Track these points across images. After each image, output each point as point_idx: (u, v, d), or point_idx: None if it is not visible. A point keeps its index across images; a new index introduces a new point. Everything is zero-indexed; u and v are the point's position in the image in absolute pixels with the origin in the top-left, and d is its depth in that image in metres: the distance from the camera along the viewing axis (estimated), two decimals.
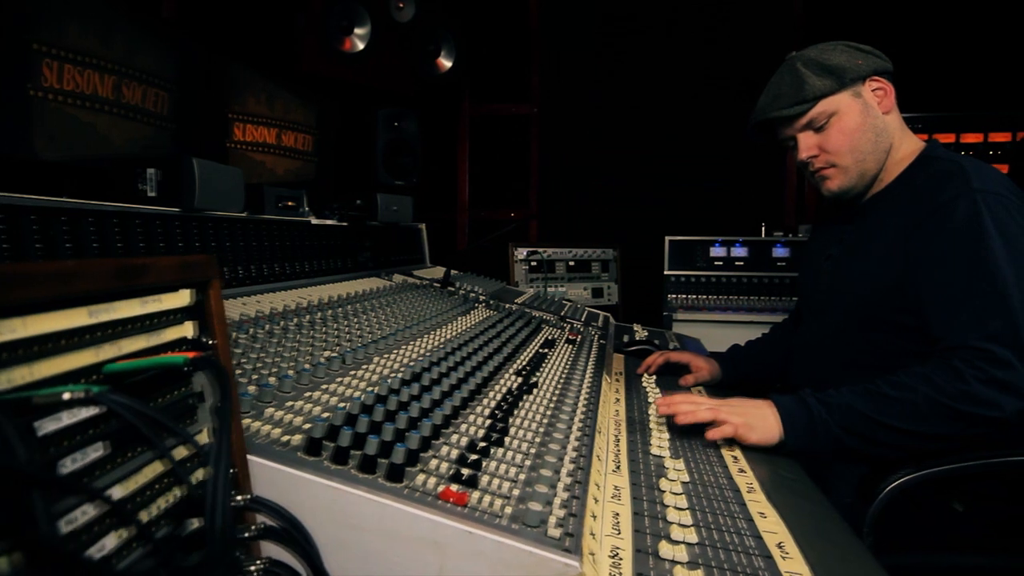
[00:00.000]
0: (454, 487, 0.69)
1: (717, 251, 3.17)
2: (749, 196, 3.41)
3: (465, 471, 0.73)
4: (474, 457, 0.78)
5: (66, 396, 0.39)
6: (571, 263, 3.03)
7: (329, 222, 1.82)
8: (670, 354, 1.67)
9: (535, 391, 1.15)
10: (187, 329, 0.52)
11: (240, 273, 1.35)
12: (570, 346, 1.66)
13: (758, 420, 1.14)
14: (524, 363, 1.34)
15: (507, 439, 0.87)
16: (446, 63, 3.29)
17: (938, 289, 1.19)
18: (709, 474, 0.97)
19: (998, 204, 1.20)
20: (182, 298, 0.52)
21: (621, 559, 0.68)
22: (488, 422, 0.92)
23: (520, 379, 1.21)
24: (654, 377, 1.59)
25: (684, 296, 3.13)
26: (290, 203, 1.61)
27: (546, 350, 1.53)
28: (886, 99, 1.35)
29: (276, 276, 1.49)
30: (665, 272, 3.15)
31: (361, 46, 2.89)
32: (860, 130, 1.33)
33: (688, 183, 3.48)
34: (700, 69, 3.45)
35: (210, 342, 0.54)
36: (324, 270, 1.74)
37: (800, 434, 1.13)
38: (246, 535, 0.53)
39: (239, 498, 0.50)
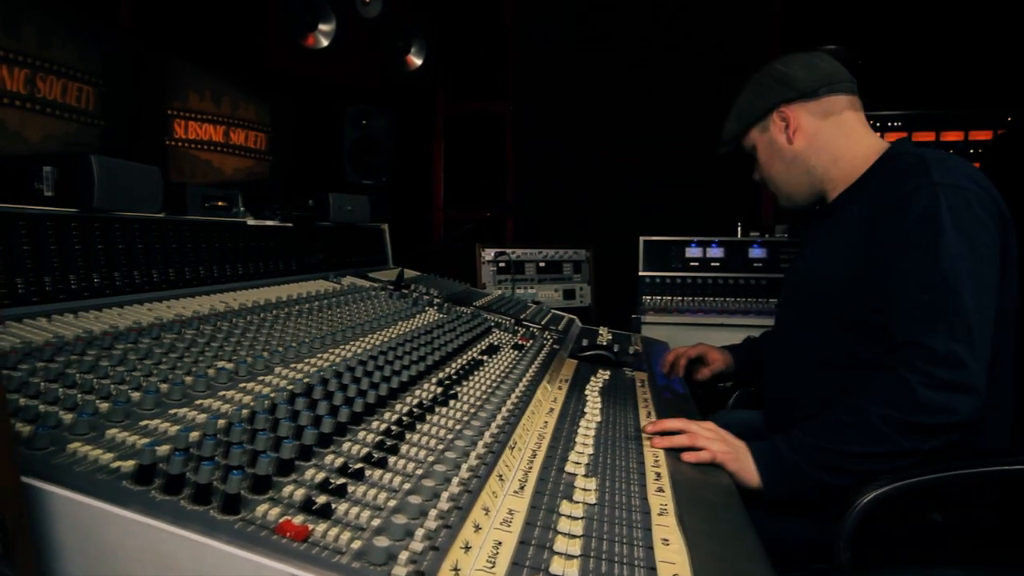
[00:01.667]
0: (298, 519, 0.62)
1: (693, 252, 3.10)
2: (726, 196, 3.34)
3: (322, 498, 0.66)
4: (341, 482, 0.71)
5: None
6: (541, 264, 2.96)
7: (269, 223, 1.75)
8: (688, 350, 1.79)
9: (452, 403, 1.08)
10: None
11: (154, 277, 1.28)
12: (516, 352, 1.59)
13: (742, 457, 1.14)
14: (453, 372, 1.27)
15: (392, 459, 0.81)
16: (416, 60, 3.22)
17: (893, 284, 1.19)
18: (622, 494, 0.91)
19: (957, 197, 1.17)
20: None
21: None
22: (378, 439, 0.85)
23: (441, 389, 1.14)
24: (600, 384, 1.52)
25: (659, 298, 3.06)
26: (220, 203, 1.54)
27: (485, 357, 1.46)
28: (789, 129, 1.41)
29: (201, 280, 1.43)
30: (640, 273, 3.09)
31: (325, 42, 2.82)
32: (770, 162, 1.46)
33: (665, 182, 3.41)
34: (677, 68, 3.38)
35: None
36: (263, 273, 1.67)
37: (778, 482, 1.13)
38: None
39: None
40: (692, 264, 3.08)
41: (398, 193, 3.35)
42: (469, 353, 1.46)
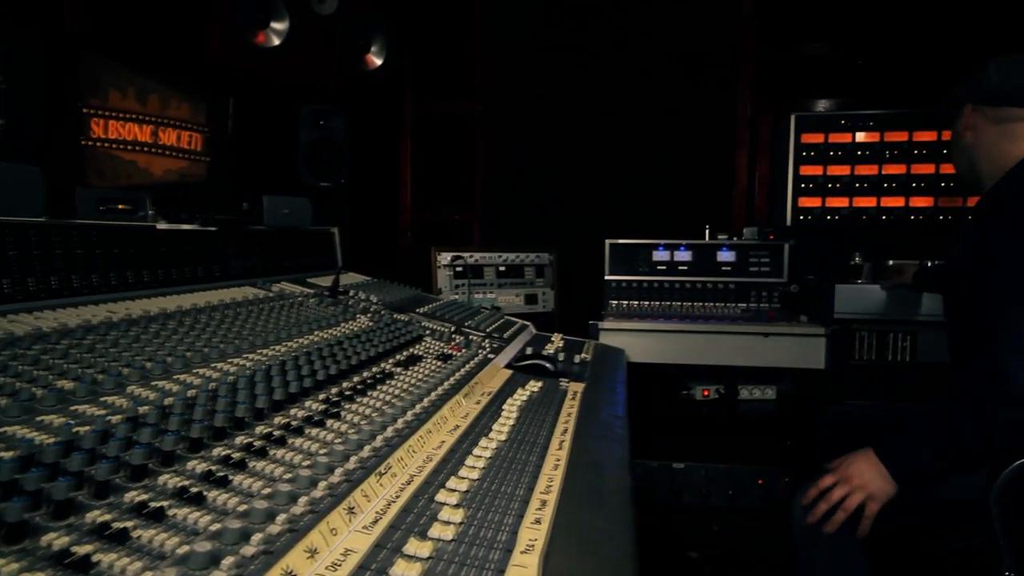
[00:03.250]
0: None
1: (660, 255, 3.01)
2: (694, 198, 3.25)
3: (87, 548, 0.57)
4: (126, 525, 0.61)
5: None
6: (501, 268, 2.87)
7: (185, 227, 1.66)
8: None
9: (330, 422, 0.99)
10: None
11: (30, 286, 1.19)
12: (440, 362, 1.50)
13: (872, 481, 1.37)
14: (349, 386, 1.18)
15: (214, 493, 0.71)
16: (376, 60, 3.14)
17: (994, 288, 1.35)
18: (491, 527, 0.81)
19: None
20: None
21: None
22: (208, 469, 0.76)
23: (324, 407, 1.05)
24: (524, 398, 1.42)
25: (625, 302, 2.97)
26: (121, 206, 1.45)
27: (399, 368, 1.37)
28: (965, 123, 1.60)
29: (94, 288, 1.34)
30: (606, 277, 3.00)
31: (277, 40, 2.73)
32: (951, 139, 1.67)
33: (633, 185, 3.32)
34: (647, 69, 3.29)
35: None
36: (175, 280, 1.58)
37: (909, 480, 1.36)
38: None
39: None
40: (659, 267, 3.00)
41: (363, 195, 3.27)
42: (382, 364, 1.37)
